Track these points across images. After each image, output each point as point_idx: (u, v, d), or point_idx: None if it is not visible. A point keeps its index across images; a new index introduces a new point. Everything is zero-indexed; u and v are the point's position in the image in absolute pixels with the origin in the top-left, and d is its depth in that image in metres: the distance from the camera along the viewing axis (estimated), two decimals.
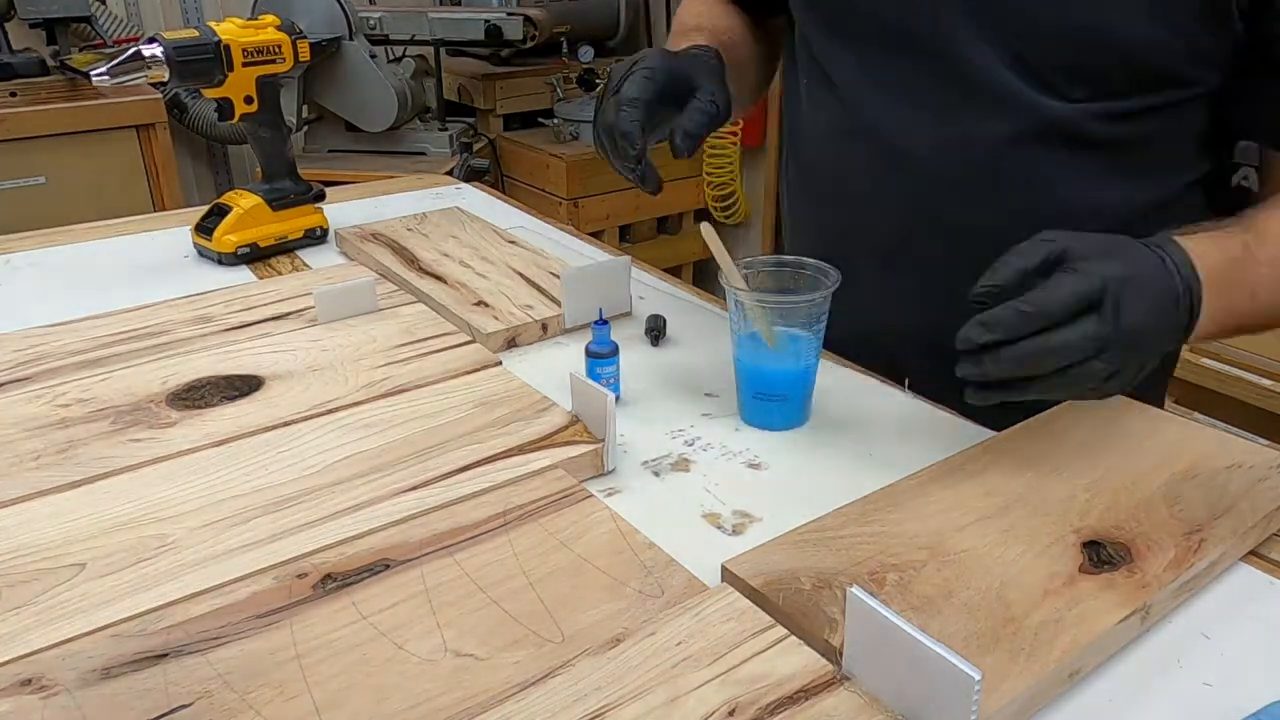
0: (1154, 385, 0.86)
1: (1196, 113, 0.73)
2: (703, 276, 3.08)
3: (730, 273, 0.68)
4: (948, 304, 0.64)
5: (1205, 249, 0.60)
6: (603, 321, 0.74)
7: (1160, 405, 0.85)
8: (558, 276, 0.91)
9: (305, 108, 2.30)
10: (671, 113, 0.69)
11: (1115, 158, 0.73)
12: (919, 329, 0.77)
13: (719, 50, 0.77)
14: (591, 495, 0.61)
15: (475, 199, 1.30)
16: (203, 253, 1.06)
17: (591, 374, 0.73)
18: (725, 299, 0.73)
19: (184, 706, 0.45)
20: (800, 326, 0.69)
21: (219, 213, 1.04)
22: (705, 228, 0.69)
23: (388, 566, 0.54)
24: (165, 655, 0.48)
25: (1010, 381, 0.56)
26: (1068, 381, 0.56)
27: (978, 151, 0.74)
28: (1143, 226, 0.67)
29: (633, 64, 0.70)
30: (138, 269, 1.03)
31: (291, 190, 1.08)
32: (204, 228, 1.04)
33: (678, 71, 0.70)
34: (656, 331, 0.86)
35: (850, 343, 0.84)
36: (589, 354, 0.73)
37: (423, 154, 2.43)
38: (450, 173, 2.16)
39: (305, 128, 2.39)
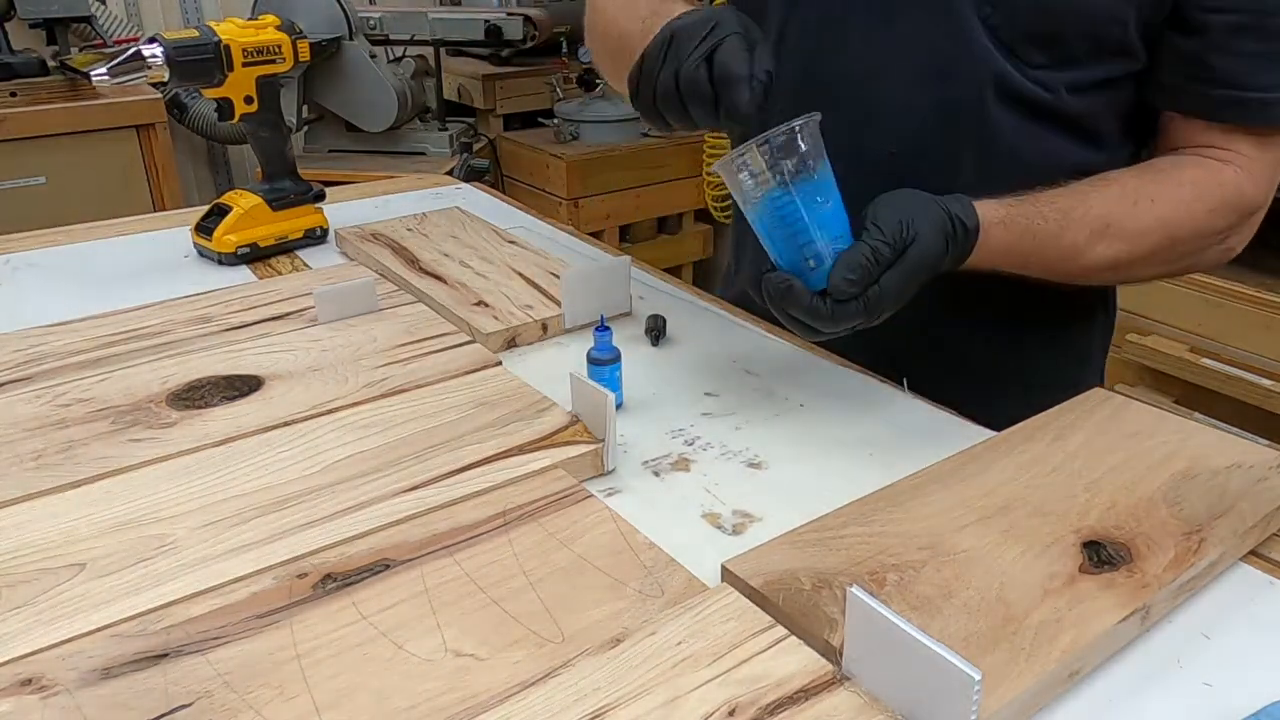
0: (1089, 356, 0.92)
1: (1131, 91, 0.77)
2: (703, 276, 3.09)
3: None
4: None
5: (994, 229, 0.69)
6: (604, 327, 0.74)
7: (1100, 379, 0.92)
8: (558, 276, 0.91)
9: (305, 108, 2.30)
10: None
11: (1068, 125, 0.77)
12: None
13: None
14: (591, 495, 0.61)
15: (475, 199, 1.30)
16: (203, 253, 1.06)
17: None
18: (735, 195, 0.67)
19: (184, 706, 0.45)
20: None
21: (219, 213, 1.04)
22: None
23: (388, 566, 0.54)
24: (165, 655, 0.48)
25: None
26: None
27: (945, 113, 0.77)
28: None
29: (707, 30, 0.63)
30: (138, 269, 1.03)
31: (291, 190, 1.08)
32: (204, 228, 1.04)
33: (750, 29, 0.66)
34: (656, 331, 0.86)
35: (848, 340, 0.84)
36: (590, 360, 0.73)
37: (423, 154, 2.43)
38: (450, 173, 2.16)
39: (305, 128, 2.39)
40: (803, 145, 0.63)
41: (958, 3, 0.74)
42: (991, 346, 0.86)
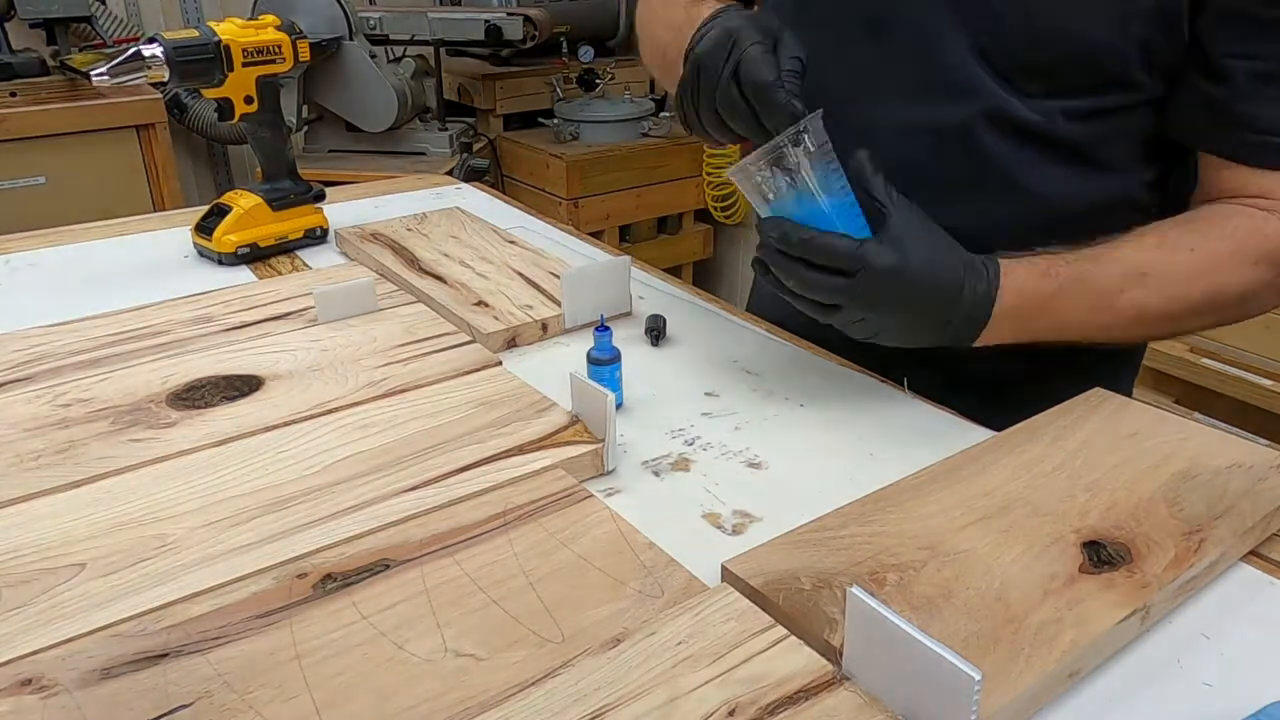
0: (1119, 372, 0.89)
1: (1147, 118, 0.75)
2: (703, 276, 3.09)
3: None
4: None
5: (1015, 283, 0.69)
6: (604, 328, 0.74)
7: (1129, 393, 0.89)
8: (558, 276, 0.91)
9: (305, 108, 2.30)
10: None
11: (1068, 153, 0.76)
12: None
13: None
14: (591, 495, 0.61)
15: (475, 199, 1.30)
16: (203, 253, 1.06)
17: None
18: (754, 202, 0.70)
19: (184, 706, 0.45)
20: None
21: (219, 213, 1.04)
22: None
23: (388, 566, 0.54)
24: (165, 655, 0.48)
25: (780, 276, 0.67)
26: (810, 306, 0.68)
27: (940, 139, 0.77)
28: (1097, 221, 0.73)
29: (729, 44, 0.65)
30: (138, 269, 1.03)
31: (291, 190, 1.08)
32: (204, 228, 1.04)
33: (768, 31, 0.68)
34: (656, 331, 0.86)
35: (848, 340, 0.84)
36: (590, 360, 0.73)
37: (423, 154, 2.43)
38: (450, 173, 2.16)
39: (305, 128, 2.39)
40: (811, 145, 0.64)
41: (951, 30, 0.74)
42: (1007, 368, 0.84)
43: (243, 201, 1.04)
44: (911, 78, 0.77)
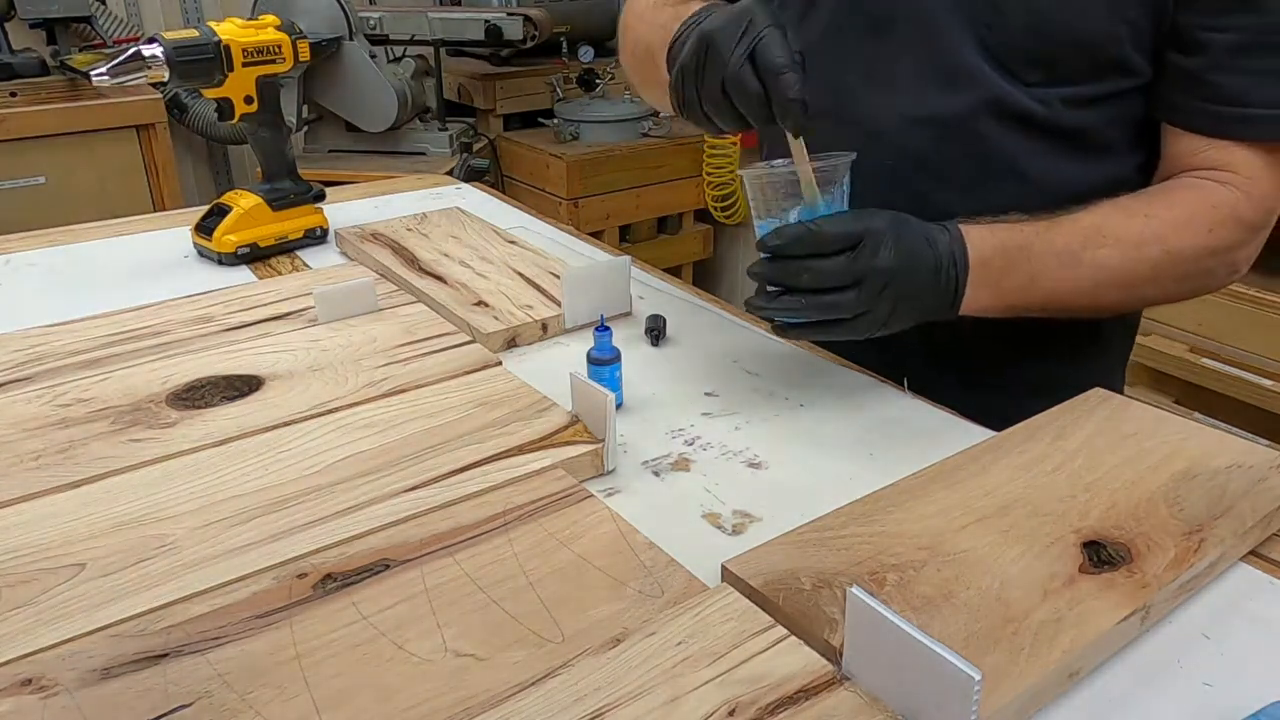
0: (1111, 369, 0.92)
1: (1141, 102, 0.77)
2: (703, 276, 3.09)
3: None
4: None
5: (981, 236, 0.71)
6: (604, 328, 0.74)
7: (1120, 389, 0.91)
8: (558, 276, 0.91)
9: (305, 108, 2.30)
10: None
11: (1068, 140, 0.77)
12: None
13: None
14: (591, 495, 0.61)
15: (475, 199, 1.30)
16: (203, 253, 1.06)
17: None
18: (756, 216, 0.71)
19: (184, 706, 0.45)
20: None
21: (219, 213, 1.04)
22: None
23: (388, 566, 0.54)
24: (165, 655, 0.48)
25: (790, 290, 0.67)
26: (825, 305, 0.66)
27: (943, 129, 0.78)
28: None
29: (742, 27, 0.63)
30: (138, 269, 1.03)
31: (291, 190, 1.08)
32: (204, 228, 1.04)
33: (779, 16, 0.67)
34: (656, 331, 0.86)
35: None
36: (590, 360, 0.73)
37: (423, 154, 2.43)
38: (450, 173, 2.16)
39: (305, 128, 2.39)
40: (845, 188, 0.69)
41: (953, 22, 0.75)
42: (1014, 355, 0.85)
43: (243, 201, 1.04)
44: (914, 70, 0.77)
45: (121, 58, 0.90)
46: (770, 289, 0.68)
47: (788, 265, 0.67)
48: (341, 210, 1.21)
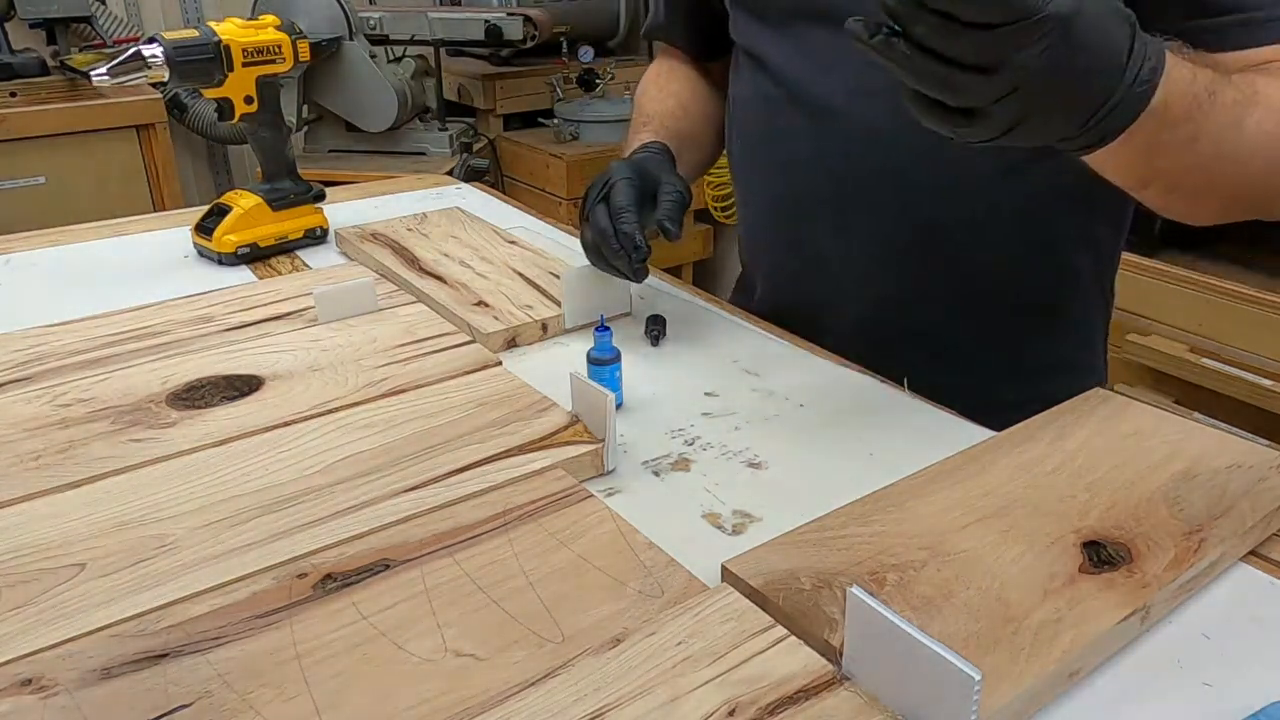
0: (1090, 339, 0.93)
1: None
2: (703, 276, 3.08)
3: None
4: (909, 260, 0.79)
5: (1174, 63, 0.55)
6: (604, 328, 0.74)
7: (1103, 363, 0.95)
8: (558, 276, 0.91)
9: (305, 108, 2.30)
10: (649, 209, 0.81)
11: None
12: (888, 295, 0.86)
13: (666, 145, 0.91)
14: (591, 495, 0.61)
15: (475, 199, 1.30)
16: (203, 253, 1.06)
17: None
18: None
19: (184, 706, 0.45)
20: None
21: (219, 213, 1.04)
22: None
23: (388, 566, 0.54)
24: (165, 655, 0.48)
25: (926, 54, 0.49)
26: (942, 89, 0.50)
27: (893, 101, 0.72)
28: (1088, 181, 0.65)
29: (607, 179, 0.82)
30: (138, 269, 1.03)
31: (291, 190, 1.08)
32: (204, 228, 1.04)
33: (645, 173, 0.83)
34: (656, 331, 0.86)
35: (849, 340, 0.85)
36: (590, 361, 0.73)
37: (423, 154, 2.43)
38: (450, 173, 2.16)
39: (305, 128, 2.39)
40: None
41: None
42: (985, 327, 0.87)
43: (243, 201, 1.04)
44: (859, 54, 0.71)
45: (121, 58, 0.90)
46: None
47: (920, 18, 0.47)
48: (341, 210, 1.21)
